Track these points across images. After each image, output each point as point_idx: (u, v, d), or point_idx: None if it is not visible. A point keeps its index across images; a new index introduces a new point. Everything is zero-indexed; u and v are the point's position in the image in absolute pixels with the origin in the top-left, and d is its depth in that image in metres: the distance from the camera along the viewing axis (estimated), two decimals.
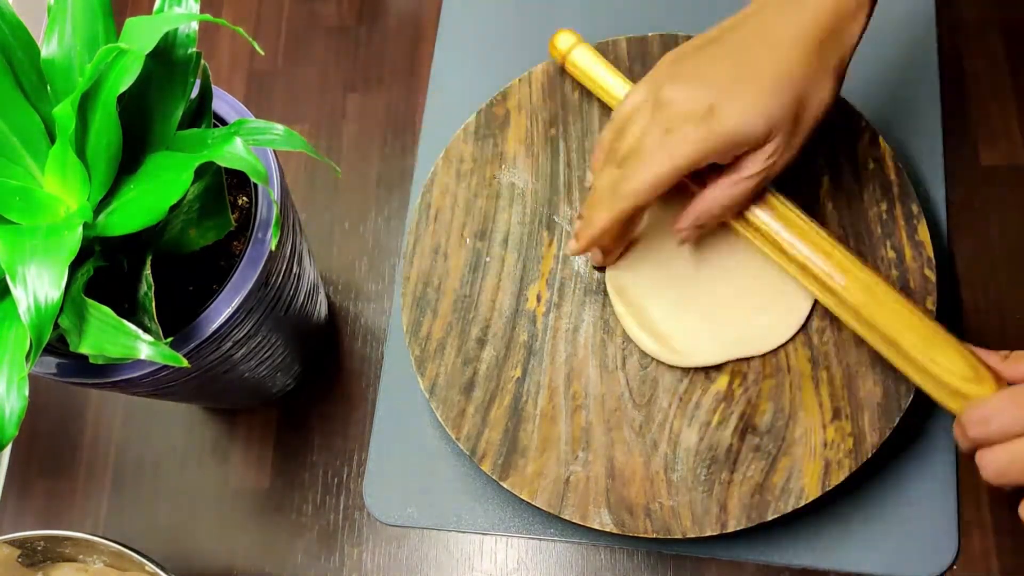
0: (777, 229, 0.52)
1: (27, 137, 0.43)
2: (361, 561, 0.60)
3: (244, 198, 0.51)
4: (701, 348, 0.55)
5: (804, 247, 0.52)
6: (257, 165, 0.39)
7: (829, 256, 0.51)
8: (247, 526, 0.61)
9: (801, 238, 0.52)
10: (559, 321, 0.58)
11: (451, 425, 0.56)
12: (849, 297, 0.50)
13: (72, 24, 0.43)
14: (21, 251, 0.38)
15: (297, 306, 0.54)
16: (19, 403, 0.39)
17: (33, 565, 0.52)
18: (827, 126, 0.59)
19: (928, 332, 0.49)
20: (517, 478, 0.54)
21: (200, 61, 0.45)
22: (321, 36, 0.74)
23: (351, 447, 0.62)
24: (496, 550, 0.59)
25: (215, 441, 0.64)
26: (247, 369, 0.53)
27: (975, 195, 0.63)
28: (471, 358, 0.57)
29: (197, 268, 0.49)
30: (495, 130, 0.62)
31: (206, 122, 0.47)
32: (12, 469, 0.65)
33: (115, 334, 0.40)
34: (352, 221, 0.68)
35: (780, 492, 0.52)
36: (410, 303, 0.59)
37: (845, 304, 0.51)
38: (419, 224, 0.60)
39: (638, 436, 0.54)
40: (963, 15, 0.67)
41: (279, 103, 0.72)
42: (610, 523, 0.53)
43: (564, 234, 0.60)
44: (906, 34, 0.66)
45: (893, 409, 0.53)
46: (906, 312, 0.49)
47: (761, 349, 0.55)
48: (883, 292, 0.50)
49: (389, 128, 0.70)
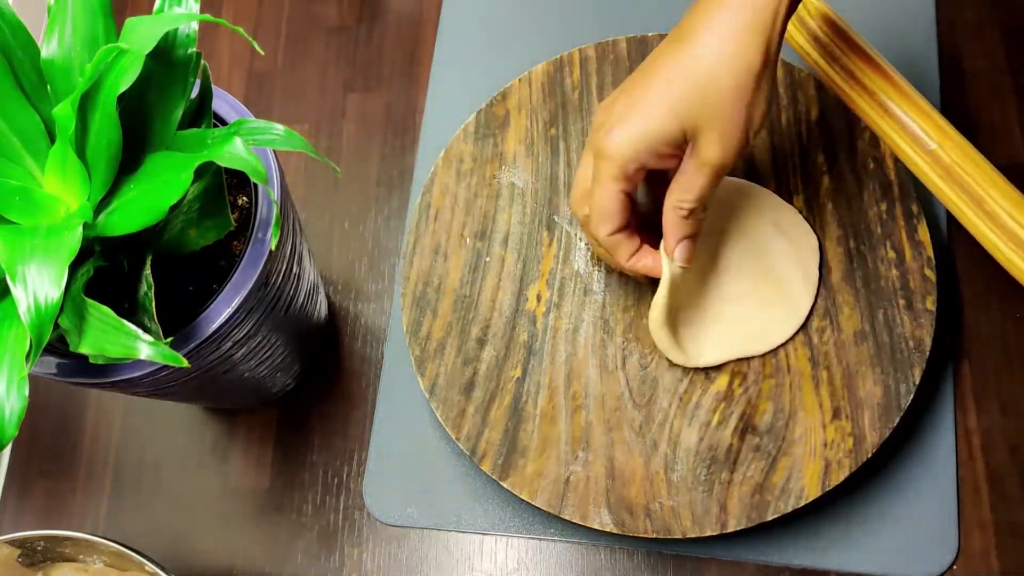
0: (880, 89, 0.58)
1: (27, 137, 0.43)
2: (361, 561, 0.60)
3: (244, 198, 0.51)
4: (706, 349, 0.55)
5: (904, 112, 0.58)
6: (257, 165, 0.39)
7: (928, 117, 0.58)
8: (247, 526, 0.61)
9: (902, 102, 0.58)
10: (559, 321, 0.58)
11: (451, 425, 0.56)
12: (944, 156, 0.57)
13: (72, 24, 0.43)
14: (21, 251, 0.38)
15: (297, 306, 0.54)
16: (19, 403, 0.38)
17: (33, 565, 0.52)
18: (827, 126, 0.59)
19: (1014, 194, 0.56)
20: (517, 478, 0.54)
21: (200, 61, 0.45)
22: (321, 36, 0.74)
23: (351, 447, 0.62)
24: (496, 550, 0.59)
25: (215, 441, 0.64)
26: (247, 369, 0.53)
27: None
28: (471, 358, 0.57)
29: (197, 268, 0.49)
30: (495, 130, 0.62)
31: (206, 122, 0.47)
32: (12, 469, 0.65)
33: (115, 334, 0.40)
34: (352, 221, 0.68)
35: (780, 492, 0.52)
36: (410, 303, 0.59)
37: (940, 162, 0.57)
38: (419, 224, 0.60)
39: (638, 436, 0.54)
40: (963, 15, 0.67)
41: (279, 103, 0.72)
42: (610, 523, 0.53)
43: (564, 234, 0.60)
44: (906, 34, 0.66)
45: (893, 409, 0.53)
46: (994, 173, 0.56)
47: (762, 349, 0.55)
48: (975, 154, 0.57)
49: (389, 128, 0.70)
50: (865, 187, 0.58)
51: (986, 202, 0.56)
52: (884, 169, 0.58)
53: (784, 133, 0.60)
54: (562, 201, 0.60)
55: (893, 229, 0.57)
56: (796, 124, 0.60)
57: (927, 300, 0.55)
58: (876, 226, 0.57)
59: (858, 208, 0.58)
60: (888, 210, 0.57)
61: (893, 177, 0.58)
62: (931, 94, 0.65)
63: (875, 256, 0.57)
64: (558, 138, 0.62)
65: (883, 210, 0.58)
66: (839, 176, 0.59)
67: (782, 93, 0.61)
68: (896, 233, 0.57)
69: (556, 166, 0.61)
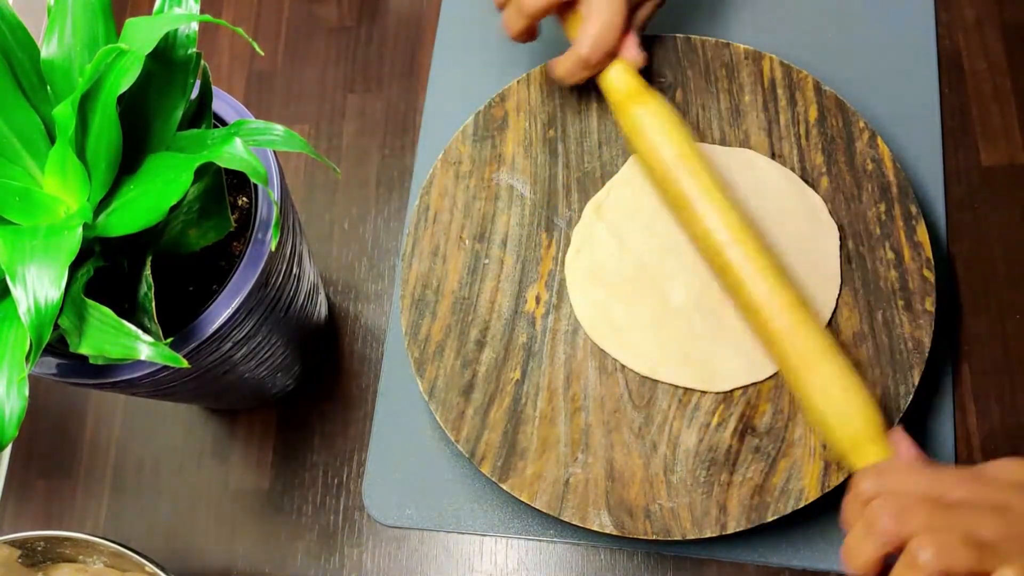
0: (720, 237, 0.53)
1: (27, 137, 0.43)
2: (361, 562, 0.60)
3: (244, 199, 0.51)
4: (727, 373, 0.55)
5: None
6: (257, 166, 0.39)
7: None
8: (247, 526, 0.61)
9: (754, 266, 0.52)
10: (558, 323, 0.58)
11: (450, 427, 0.56)
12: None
13: (72, 24, 0.43)
14: (21, 251, 0.38)
15: (297, 307, 0.54)
16: (19, 403, 0.39)
17: (33, 565, 0.52)
18: (825, 127, 0.59)
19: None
20: (517, 480, 0.54)
21: (200, 61, 0.45)
22: (321, 36, 0.74)
23: (351, 447, 0.62)
24: (496, 551, 0.59)
25: (215, 441, 0.64)
26: (247, 370, 0.53)
27: (975, 195, 0.63)
28: (470, 360, 0.57)
29: (197, 268, 0.49)
30: (494, 131, 0.62)
31: (206, 122, 0.47)
32: (12, 469, 0.65)
33: (115, 334, 0.40)
34: (352, 222, 0.68)
35: (780, 493, 0.52)
36: (409, 305, 0.59)
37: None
38: (418, 226, 0.60)
39: (637, 438, 0.54)
40: (963, 15, 0.67)
41: (279, 103, 0.72)
42: (610, 525, 0.53)
43: (563, 235, 0.60)
44: (906, 34, 0.67)
45: (892, 410, 0.53)
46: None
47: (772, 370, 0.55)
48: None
49: (389, 128, 0.70)
50: (864, 188, 0.58)
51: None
52: (883, 170, 0.58)
53: (783, 134, 0.60)
54: (561, 203, 0.61)
55: (892, 230, 0.57)
56: (795, 125, 0.60)
57: (926, 301, 0.55)
58: (875, 227, 0.57)
59: (857, 209, 0.58)
60: (887, 211, 0.58)
61: (892, 178, 0.58)
62: (931, 94, 0.65)
63: (874, 257, 0.57)
64: (556, 140, 0.62)
65: (882, 211, 0.58)
66: (838, 177, 0.59)
67: (781, 94, 0.61)
68: (895, 234, 0.57)
69: (555, 168, 0.61)
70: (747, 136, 0.60)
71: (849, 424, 0.48)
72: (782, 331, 0.51)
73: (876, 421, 0.48)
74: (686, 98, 0.62)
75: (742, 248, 0.52)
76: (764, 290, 0.51)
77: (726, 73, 0.62)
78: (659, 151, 0.55)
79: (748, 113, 0.61)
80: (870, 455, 0.47)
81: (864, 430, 0.48)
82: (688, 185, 0.54)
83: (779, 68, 0.61)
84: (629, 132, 0.57)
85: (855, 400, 0.49)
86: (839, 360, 0.50)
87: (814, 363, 0.50)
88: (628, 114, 0.56)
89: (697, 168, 0.54)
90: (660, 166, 0.55)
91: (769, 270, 0.52)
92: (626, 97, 0.56)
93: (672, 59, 0.62)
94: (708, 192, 0.54)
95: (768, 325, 0.51)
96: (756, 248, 0.52)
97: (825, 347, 0.50)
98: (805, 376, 0.50)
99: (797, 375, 0.50)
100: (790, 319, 0.51)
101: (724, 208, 0.53)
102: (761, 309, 0.51)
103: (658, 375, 0.55)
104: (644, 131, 0.55)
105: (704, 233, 0.53)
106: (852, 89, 0.64)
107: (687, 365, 0.55)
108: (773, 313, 0.51)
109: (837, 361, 0.50)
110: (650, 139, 0.55)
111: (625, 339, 0.56)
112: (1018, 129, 0.64)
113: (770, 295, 0.51)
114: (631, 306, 0.57)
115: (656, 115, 0.56)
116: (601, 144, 0.61)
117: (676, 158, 0.54)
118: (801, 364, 0.50)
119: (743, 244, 0.52)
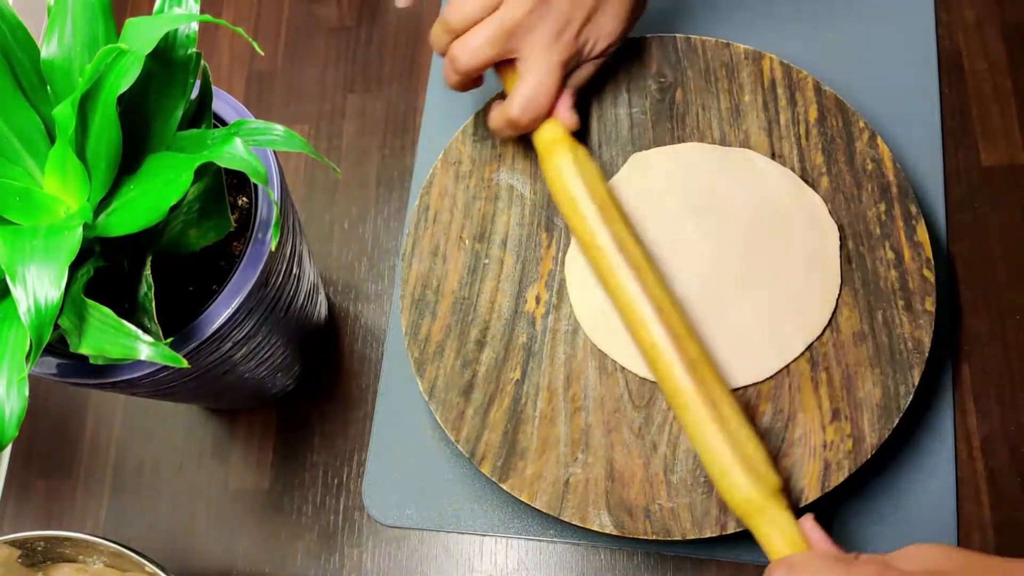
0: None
1: (27, 137, 0.43)
2: (361, 562, 0.60)
3: (244, 199, 0.51)
4: (727, 373, 0.55)
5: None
6: (257, 166, 0.39)
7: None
8: (247, 526, 0.61)
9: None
10: (558, 323, 0.58)
11: (450, 427, 0.56)
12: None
13: (72, 24, 0.43)
14: (21, 251, 0.38)
15: (297, 306, 0.54)
16: (19, 403, 0.39)
17: (33, 565, 0.52)
18: (825, 127, 0.59)
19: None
20: (517, 480, 0.54)
21: (200, 61, 0.45)
22: (321, 36, 0.74)
23: (351, 447, 0.62)
24: (496, 551, 0.59)
25: (215, 441, 0.64)
26: (247, 370, 0.53)
27: (975, 195, 0.63)
28: (470, 360, 0.57)
29: (197, 268, 0.49)
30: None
31: (206, 122, 0.47)
32: (12, 469, 0.65)
33: (115, 334, 0.40)
34: (352, 221, 0.68)
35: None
36: (409, 305, 0.59)
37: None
38: (418, 226, 0.60)
39: (637, 438, 0.54)
40: (963, 15, 0.67)
41: (279, 103, 0.72)
42: (610, 525, 0.53)
43: (563, 236, 0.60)
44: (906, 34, 0.67)
45: (892, 410, 0.53)
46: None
47: (777, 367, 0.55)
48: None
49: (389, 128, 0.70)
50: (864, 188, 0.58)
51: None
52: (883, 170, 0.58)
53: (783, 134, 0.60)
54: None
55: (892, 230, 0.57)
56: (795, 125, 0.60)
57: (926, 301, 0.55)
58: (875, 227, 0.57)
59: (857, 209, 0.58)
60: (887, 211, 0.58)
61: (892, 178, 0.58)
62: (931, 94, 0.65)
63: (874, 257, 0.57)
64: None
65: (882, 211, 0.58)
66: (838, 177, 0.59)
67: (781, 94, 0.61)
68: (895, 234, 0.57)
69: None
70: (747, 136, 0.60)
71: (738, 491, 0.48)
72: (682, 394, 0.51)
73: (765, 493, 0.48)
74: (686, 98, 0.62)
75: (652, 305, 0.52)
76: (667, 347, 0.51)
77: (726, 73, 0.62)
78: (578, 201, 0.54)
79: (748, 113, 0.61)
80: (765, 523, 0.47)
81: (755, 499, 0.48)
82: (603, 237, 0.54)
83: (779, 68, 0.61)
84: (550, 180, 0.56)
85: (740, 472, 0.48)
86: (728, 430, 0.49)
87: (705, 432, 0.49)
88: (549, 164, 0.56)
89: (615, 217, 0.54)
90: (578, 213, 0.55)
91: (674, 326, 0.52)
92: (550, 143, 0.56)
93: (672, 59, 0.62)
94: (623, 242, 0.53)
95: (666, 385, 0.51)
96: (663, 299, 0.52)
97: (716, 417, 0.49)
98: (696, 441, 0.50)
99: (692, 437, 0.50)
100: (691, 382, 0.50)
101: (638, 262, 0.53)
102: (663, 363, 0.51)
103: None
104: (564, 179, 0.55)
105: (617, 287, 0.53)
106: (852, 89, 0.64)
107: None
108: (675, 373, 0.51)
109: (727, 431, 0.49)
110: (570, 188, 0.55)
111: (625, 340, 0.56)
112: (1018, 129, 0.64)
113: (672, 352, 0.51)
114: None
115: (576, 163, 0.55)
116: (601, 144, 0.61)
117: (595, 208, 0.54)
118: (694, 430, 0.50)
119: (656, 301, 0.52)
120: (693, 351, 0.51)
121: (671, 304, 0.52)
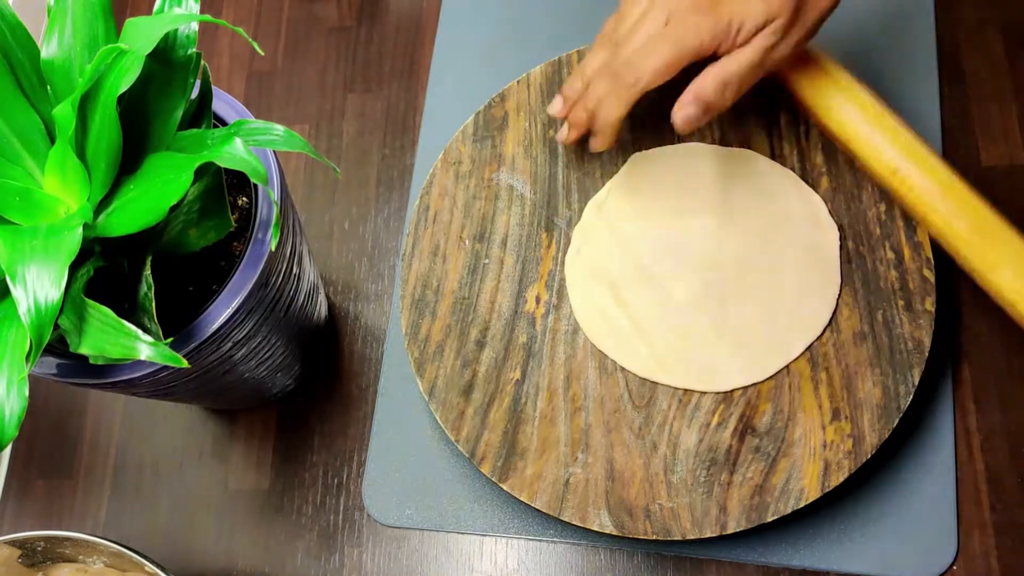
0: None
1: (27, 137, 0.43)
2: (361, 562, 0.60)
3: (244, 199, 0.51)
4: (727, 373, 0.55)
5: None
6: (257, 166, 0.39)
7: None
8: (247, 526, 0.61)
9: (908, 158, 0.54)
10: (558, 323, 0.58)
11: (450, 427, 0.56)
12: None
13: (72, 24, 0.43)
14: (21, 251, 0.38)
15: (297, 307, 0.54)
16: (19, 403, 0.39)
17: (33, 565, 0.52)
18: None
19: None
20: (516, 480, 0.54)
21: (200, 61, 0.45)
22: (321, 36, 0.74)
23: (351, 447, 0.62)
24: (496, 551, 0.59)
25: (215, 441, 0.64)
26: (247, 370, 0.53)
27: None
28: (470, 360, 0.57)
29: (197, 268, 0.49)
30: (494, 131, 0.62)
31: (206, 122, 0.47)
32: (12, 469, 0.65)
33: (115, 334, 0.40)
34: (352, 221, 0.68)
35: (780, 493, 0.52)
36: (409, 305, 0.59)
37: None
38: (418, 226, 0.60)
39: (637, 438, 0.54)
40: (962, 15, 0.67)
41: (279, 103, 0.72)
42: (610, 525, 0.53)
43: (563, 236, 0.60)
44: (906, 34, 0.66)
45: (892, 410, 0.53)
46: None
47: (777, 367, 0.55)
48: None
49: (389, 128, 0.70)
50: (864, 188, 0.58)
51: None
52: None
53: (783, 134, 0.60)
54: (561, 203, 0.61)
55: (892, 230, 0.57)
56: (795, 125, 0.60)
57: (926, 301, 0.55)
58: (875, 227, 0.57)
59: (857, 209, 0.58)
60: (887, 211, 0.58)
61: None
62: (931, 94, 0.65)
63: (874, 257, 0.57)
64: (556, 140, 0.62)
65: (882, 211, 0.58)
66: (838, 177, 0.59)
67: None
68: (895, 234, 0.57)
69: (555, 168, 0.61)
70: (748, 136, 0.60)
71: None
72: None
73: None
74: None
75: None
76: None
77: None
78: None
79: (748, 113, 0.61)
80: None
81: None
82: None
83: None
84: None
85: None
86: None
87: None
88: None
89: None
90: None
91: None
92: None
93: None
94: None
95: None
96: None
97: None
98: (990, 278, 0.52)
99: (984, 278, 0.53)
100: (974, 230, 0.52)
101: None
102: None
103: (657, 376, 0.55)
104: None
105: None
106: None
107: (687, 365, 0.55)
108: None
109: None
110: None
111: (625, 340, 0.56)
112: (1018, 129, 0.64)
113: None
114: (631, 306, 0.57)
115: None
116: None
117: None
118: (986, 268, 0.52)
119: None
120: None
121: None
